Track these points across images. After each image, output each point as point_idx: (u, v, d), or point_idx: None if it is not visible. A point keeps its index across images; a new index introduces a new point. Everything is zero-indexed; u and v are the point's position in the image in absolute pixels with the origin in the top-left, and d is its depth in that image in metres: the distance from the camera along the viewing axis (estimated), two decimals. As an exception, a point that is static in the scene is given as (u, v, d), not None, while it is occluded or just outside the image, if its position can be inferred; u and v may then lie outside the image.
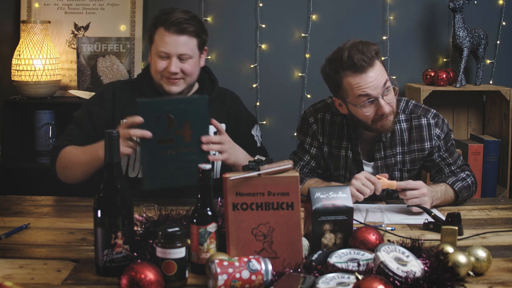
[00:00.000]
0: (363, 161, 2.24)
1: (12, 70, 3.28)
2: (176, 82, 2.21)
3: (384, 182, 2.03)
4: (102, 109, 2.25)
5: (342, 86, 2.06)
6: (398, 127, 2.20)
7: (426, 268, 1.42)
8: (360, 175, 2.01)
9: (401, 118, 2.21)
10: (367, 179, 2.00)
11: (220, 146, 2.03)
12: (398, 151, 2.22)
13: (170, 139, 1.93)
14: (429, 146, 2.21)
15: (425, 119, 2.20)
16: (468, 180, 2.19)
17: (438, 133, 2.21)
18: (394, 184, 2.03)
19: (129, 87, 2.31)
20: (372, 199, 2.09)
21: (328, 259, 1.50)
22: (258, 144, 2.39)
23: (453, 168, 2.24)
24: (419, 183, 2.03)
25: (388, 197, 2.27)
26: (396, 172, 2.24)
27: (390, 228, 1.85)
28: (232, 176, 1.48)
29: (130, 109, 2.23)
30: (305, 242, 1.57)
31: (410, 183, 2.02)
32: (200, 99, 1.99)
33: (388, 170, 2.22)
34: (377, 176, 2.04)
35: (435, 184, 2.15)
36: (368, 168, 2.24)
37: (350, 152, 2.23)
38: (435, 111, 2.25)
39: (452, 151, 2.26)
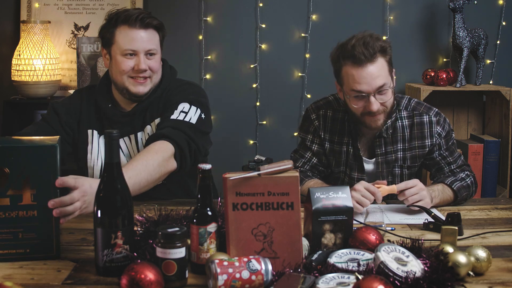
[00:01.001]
0: (364, 158, 2.25)
1: (12, 70, 3.28)
2: (143, 82, 2.12)
3: (384, 189, 2.02)
4: (67, 112, 2.19)
5: (341, 73, 2.10)
6: (400, 123, 2.21)
7: (426, 268, 1.42)
8: (359, 186, 1.99)
9: (403, 115, 2.22)
10: (366, 189, 1.98)
11: (74, 205, 1.59)
12: (399, 147, 2.22)
13: (2, 200, 1.52)
14: (429, 143, 2.21)
15: (427, 117, 2.21)
16: (467, 180, 2.19)
17: (439, 131, 2.21)
18: (395, 188, 2.02)
19: (92, 96, 2.24)
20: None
21: (328, 259, 1.50)
22: (175, 116, 2.09)
23: (453, 167, 2.24)
24: (415, 180, 2.04)
25: (388, 197, 2.27)
26: (397, 169, 2.25)
27: (390, 228, 1.85)
28: (232, 176, 1.48)
29: (94, 121, 2.20)
30: (305, 242, 1.57)
31: (408, 182, 2.03)
32: (48, 147, 1.54)
33: (388, 166, 2.23)
34: (375, 184, 2.03)
35: (433, 184, 2.15)
36: (369, 165, 2.25)
37: (351, 148, 2.24)
38: (437, 109, 2.26)
39: (453, 150, 2.26)
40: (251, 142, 3.49)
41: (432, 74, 3.31)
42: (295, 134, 3.50)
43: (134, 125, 2.18)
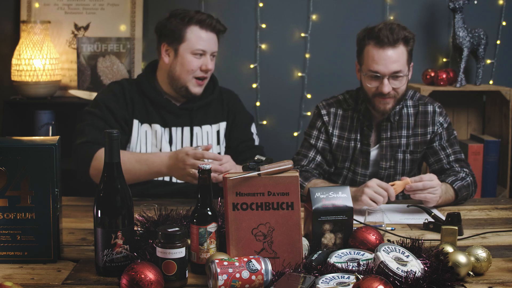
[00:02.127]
0: (370, 148, 2.31)
1: (12, 70, 3.28)
2: (202, 83, 2.24)
3: (398, 184, 2.01)
4: (118, 105, 2.21)
5: (363, 52, 2.23)
6: (406, 111, 2.31)
7: (426, 268, 1.42)
8: (371, 182, 2.00)
9: (408, 104, 2.32)
10: (379, 185, 1.99)
11: (224, 166, 2.01)
12: (403, 134, 2.30)
13: (1, 201, 1.53)
14: (431, 130, 2.30)
15: (431, 107, 2.32)
16: (467, 179, 2.19)
17: (441, 121, 2.31)
18: (408, 180, 2.02)
19: (134, 87, 2.28)
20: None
21: (328, 259, 1.50)
22: (256, 143, 2.38)
23: (451, 159, 2.28)
24: (431, 175, 2.05)
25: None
26: (399, 154, 2.31)
27: (390, 228, 1.85)
28: (232, 176, 1.48)
29: (138, 110, 2.24)
30: (305, 242, 1.57)
31: (423, 176, 2.04)
32: (47, 148, 1.53)
33: (392, 150, 2.30)
34: (389, 183, 2.03)
35: None
36: (373, 152, 2.30)
37: (358, 143, 2.31)
38: (439, 103, 2.36)
39: (453, 143, 2.32)
40: (251, 142, 3.49)
41: (432, 74, 3.31)
42: (295, 134, 3.50)
43: (192, 118, 2.28)
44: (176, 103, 2.29)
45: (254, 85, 3.49)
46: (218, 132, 2.32)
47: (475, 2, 3.27)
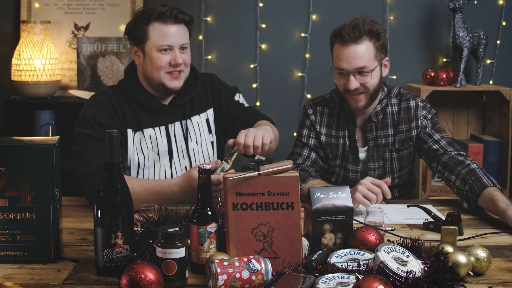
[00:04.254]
0: (359, 148, 2.30)
1: (12, 70, 3.28)
2: (178, 76, 2.18)
3: None
4: (110, 118, 2.14)
5: (332, 51, 2.26)
6: (390, 109, 2.30)
7: (426, 268, 1.42)
8: (365, 180, 1.99)
9: (393, 102, 2.31)
10: (372, 183, 1.97)
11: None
12: (389, 132, 2.29)
13: (1, 201, 1.53)
14: (415, 125, 2.27)
15: (414, 102, 2.30)
16: (478, 166, 2.11)
17: (424, 114, 2.28)
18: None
19: (120, 95, 2.21)
20: None
21: (328, 259, 1.50)
22: (246, 105, 2.40)
23: (443, 143, 2.21)
24: None
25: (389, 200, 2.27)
26: (387, 153, 2.30)
27: (390, 228, 1.85)
28: (232, 176, 1.48)
29: (129, 119, 2.18)
30: (305, 242, 1.57)
31: None
32: (47, 148, 1.53)
33: (378, 150, 2.29)
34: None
35: (491, 196, 1.97)
36: (362, 153, 2.30)
37: (347, 140, 2.31)
38: (424, 98, 2.34)
39: (439, 129, 2.27)
40: (251, 142, 3.49)
41: (432, 74, 3.31)
42: (295, 134, 3.49)
43: (184, 113, 2.26)
44: (165, 102, 2.24)
45: (254, 85, 3.49)
46: (207, 120, 2.30)
47: (475, 2, 3.27)
